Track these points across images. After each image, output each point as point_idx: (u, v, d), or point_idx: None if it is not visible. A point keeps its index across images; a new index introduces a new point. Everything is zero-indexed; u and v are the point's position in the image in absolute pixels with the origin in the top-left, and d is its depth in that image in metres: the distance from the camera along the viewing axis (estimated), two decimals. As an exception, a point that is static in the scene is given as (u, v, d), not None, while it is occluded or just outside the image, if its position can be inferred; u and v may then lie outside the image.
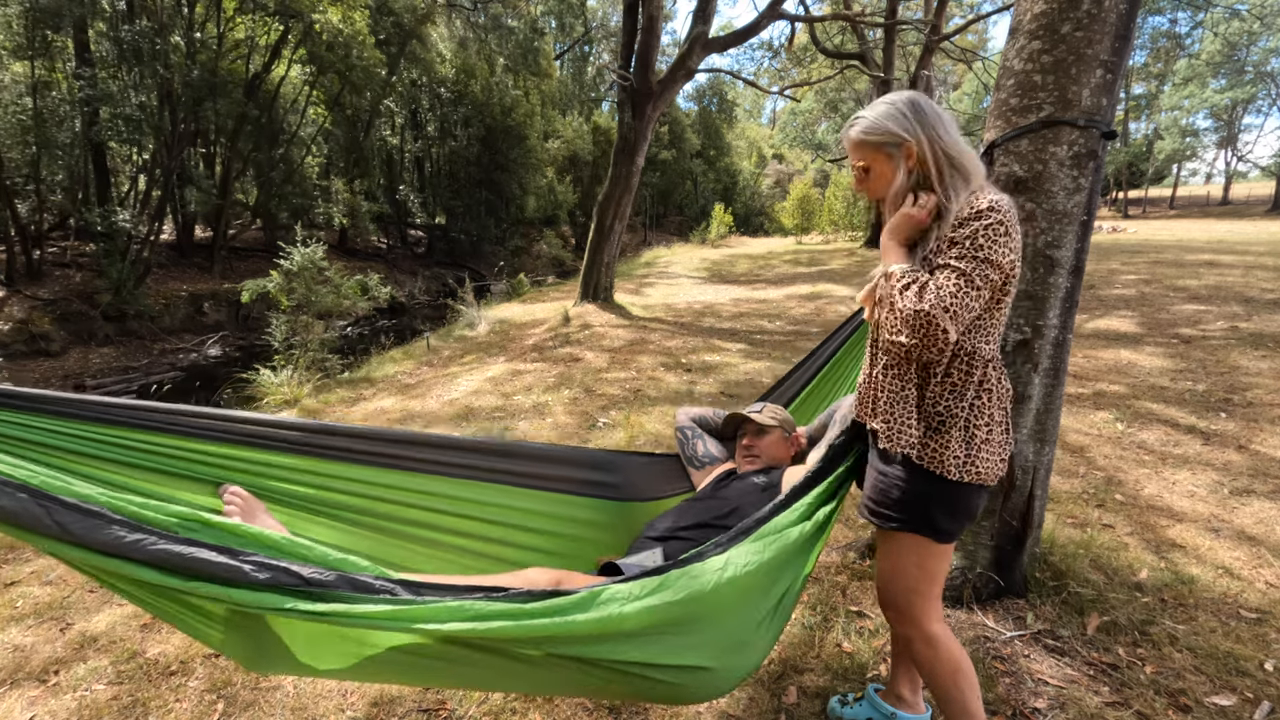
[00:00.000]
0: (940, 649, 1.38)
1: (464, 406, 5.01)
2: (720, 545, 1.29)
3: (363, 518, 1.66)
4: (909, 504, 1.33)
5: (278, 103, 15.95)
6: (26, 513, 0.93)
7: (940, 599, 1.42)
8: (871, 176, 1.33)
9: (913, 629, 1.41)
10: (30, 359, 10.18)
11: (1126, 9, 1.82)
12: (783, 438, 1.99)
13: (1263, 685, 1.81)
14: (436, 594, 1.04)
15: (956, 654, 1.39)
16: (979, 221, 1.19)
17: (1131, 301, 7.36)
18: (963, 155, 1.26)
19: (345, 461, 1.66)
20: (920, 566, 1.37)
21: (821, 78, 19.83)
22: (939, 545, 1.35)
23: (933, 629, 1.39)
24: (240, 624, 1.14)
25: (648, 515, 1.94)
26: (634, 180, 9.27)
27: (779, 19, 9.83)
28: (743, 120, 43.29)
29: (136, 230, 12.18)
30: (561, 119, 27.10)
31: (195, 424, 1.50)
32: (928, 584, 1.38)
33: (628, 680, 1.21)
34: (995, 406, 1.30)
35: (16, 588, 2.65)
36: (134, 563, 0.95)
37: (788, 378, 2.29)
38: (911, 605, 1.39)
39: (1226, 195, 37.36)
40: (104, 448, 1.40)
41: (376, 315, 13.21)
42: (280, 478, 1.59)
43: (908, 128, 1.27)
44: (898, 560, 1.40)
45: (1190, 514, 2.81)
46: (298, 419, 1.79)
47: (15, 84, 11.56)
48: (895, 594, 1.42)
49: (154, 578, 0.96)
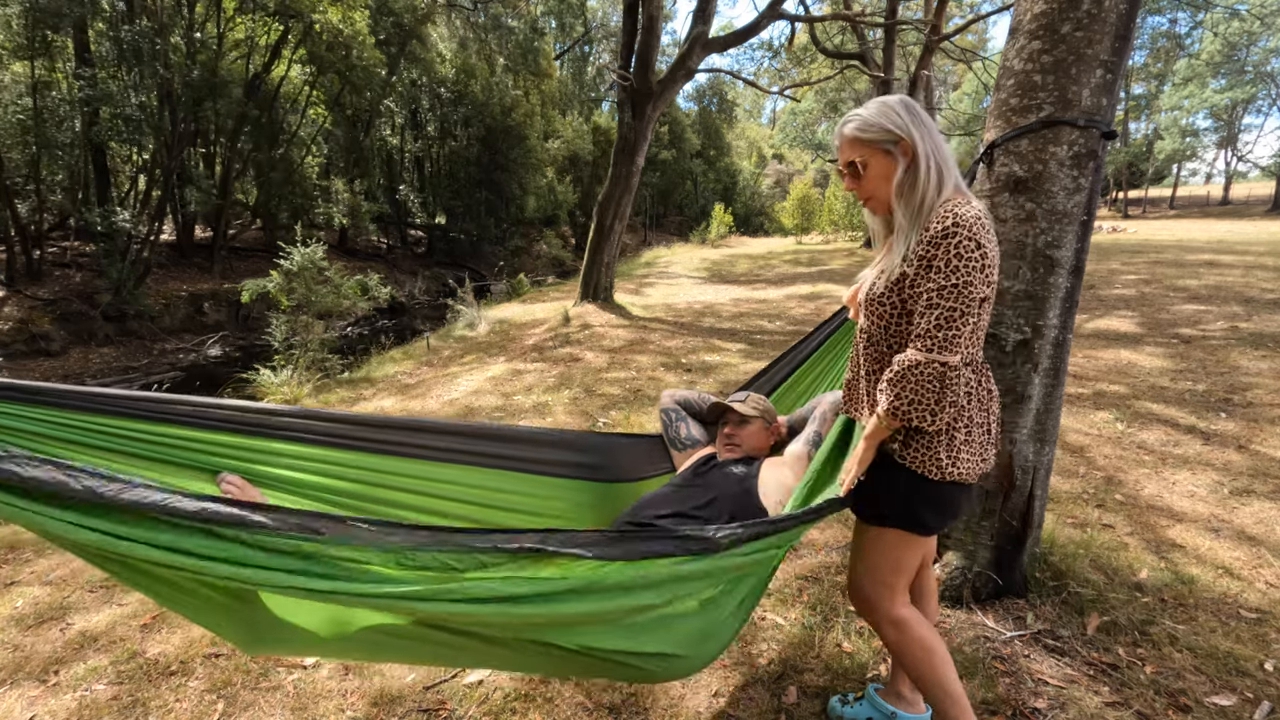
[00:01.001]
0: (908, 630, 1.43)
1: (464, 406, 5.01)
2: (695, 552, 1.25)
3: (352, 501, 1.69)
4: (892, 500, 1.37)
5: (278, 103, 15.95)
6: (54, 480, 0.93)
7: (905, 589, 1.47)
8: (867, 174, 1.33)
9: (878, 615, 1.46)
10: (30, 359, 10.18)
11: (1126, 9, 1.82)
12: (764, 428, 2.03)
13: (1263, 685, 1.81)
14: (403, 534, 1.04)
15: (925, 634, 1.43)
16: (950, 240, 1.21)
17: (1131, 301, 7.36)
18: (947, 157, 1.30)
19: (336, 447, 1.69)
20: (893, 559, 1.42)
21: (821, 78, 19.83)
22: (917, 539, 1.40)
23: (898, 612, 1.43)
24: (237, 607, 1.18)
25: (631, 496, 2.00)
26: (634, 180, 9.27)
27: (779, 19, 9.83)
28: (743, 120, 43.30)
29: (136, 230, 12.18)
30: (561, 119, 27.10)
31: (191, 413, 1.52)
32: (896, 576, 1.43)
33: (601, 664, 1.26)
34: (975, 409, 1.33)
35: (16, 588, 2.65)
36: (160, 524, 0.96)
37: (772, 367, 2.32)
38: (877, 594, 1.45)
39: (1226, 195, 37.34)
40: (103, 438, 1.41)
41: (376, 315, 13.21)
42: (274, 464, 1.61)
43: (902, 125, 1.29)
44: (872, 552, 1.45)
45: (1190, 514, 2.81)
46: (290, 406, 1.81)
47: (15, 84, 11.56)
48: (867, 585, 1.47)
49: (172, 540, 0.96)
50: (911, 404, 1.24)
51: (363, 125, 18.68)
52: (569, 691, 1.88)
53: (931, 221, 1.24)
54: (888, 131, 1.30)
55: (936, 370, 1.21)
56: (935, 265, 1.22)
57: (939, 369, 1.21)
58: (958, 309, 1.20)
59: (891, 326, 1.35)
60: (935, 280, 1.22)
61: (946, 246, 1.21)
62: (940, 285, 1.21)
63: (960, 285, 1.20)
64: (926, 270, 1.23)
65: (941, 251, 1.21)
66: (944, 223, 1.22)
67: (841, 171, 1.39)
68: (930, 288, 1.22)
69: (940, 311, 1.21)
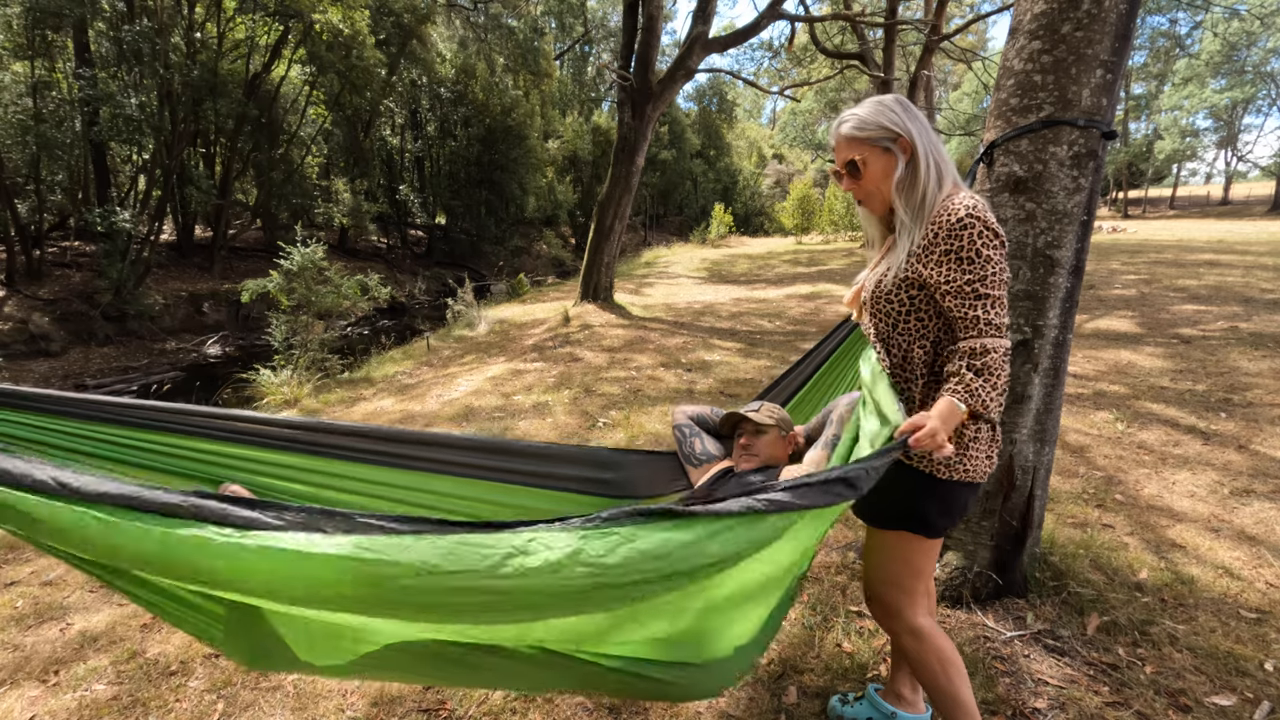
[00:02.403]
0: (926, 641, 1.41)
1: (464, 406, 5.01)
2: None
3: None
4: (900, 502, 1.36)
5: (278, 103, 15.95)
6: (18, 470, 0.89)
7: (924, 594, 1.45)
8: (867, 172, 1.33)
9: (898, 623, 1.44)
10: (30, 359, 10.18)
11: (1126, 9, 1.82)
12: (780, 437, 1.99)
13: (1263, 685, 1.81)
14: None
15: (943, 645, 1.41)
16: (970, 231, 1.21)
17: (1131, 301, 7.36)
18: (944, 153, 1.31)
19: (343, 459, 1.67)
20: (908, 562, 1.41)
21: (821, 78, 19.81)
22: (928, 541, 1.39)
23: (918, 622, 1.41)
24: (240, 622, 1.13)
25: None
26: (634, 180, 9.27)
27: (779, 19, 9.82)
28: (743, 120, 43.27)
29: (136, 230, 12.17)
30: (561, 119, 27.09)
31: (194, 422, 1.51)
32: (913, 579, 1.41)
33: (621, 679, 1.21)
34: None
35: (16, 588, 2.65)
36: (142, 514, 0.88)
37: (785, 376, 2.29)
38: (897, 600, 1.43)
39: (1226, 195, 37.35)
40: (104, 446, 1.41)
41: (376, 315, 13.21)
42: (278, 475, 1.60)
43: (899, 122, 1.30)
44: (886, 557, 1.43)
45: (1190, 514, 2.81)
46: (296, 417, 1.79)
47: (15, 84, 11.55)
48: (882, 590, 1.45)
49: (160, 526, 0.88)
50: (991, 392, 1.23)
51: (363, 125, 18.67)
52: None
53: (940, 215, 1.25)
54: (885, 129, 1.30)
55: (1005, 355, 1.24)
56: (964, 256, 1.23)
57: (1006, 353, 1.24)
58: (1003, 296, 1.24)
59: (900, 324, 1.35)
60: (973, 271, 1.23)
61: (969, 237, 1.22)
62: (981, 275, 1.22)
63: (999, 273, 1.23)
64: (957, 263, 1.24)
65: (966, 243, 1.22)
66: (957, 214, 1.23)
67: (839, 173, 1.39)
68: (970, 279, 1.23)
69: (992, 299, 1.23)
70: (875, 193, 1.35)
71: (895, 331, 1.36)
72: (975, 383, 1.23)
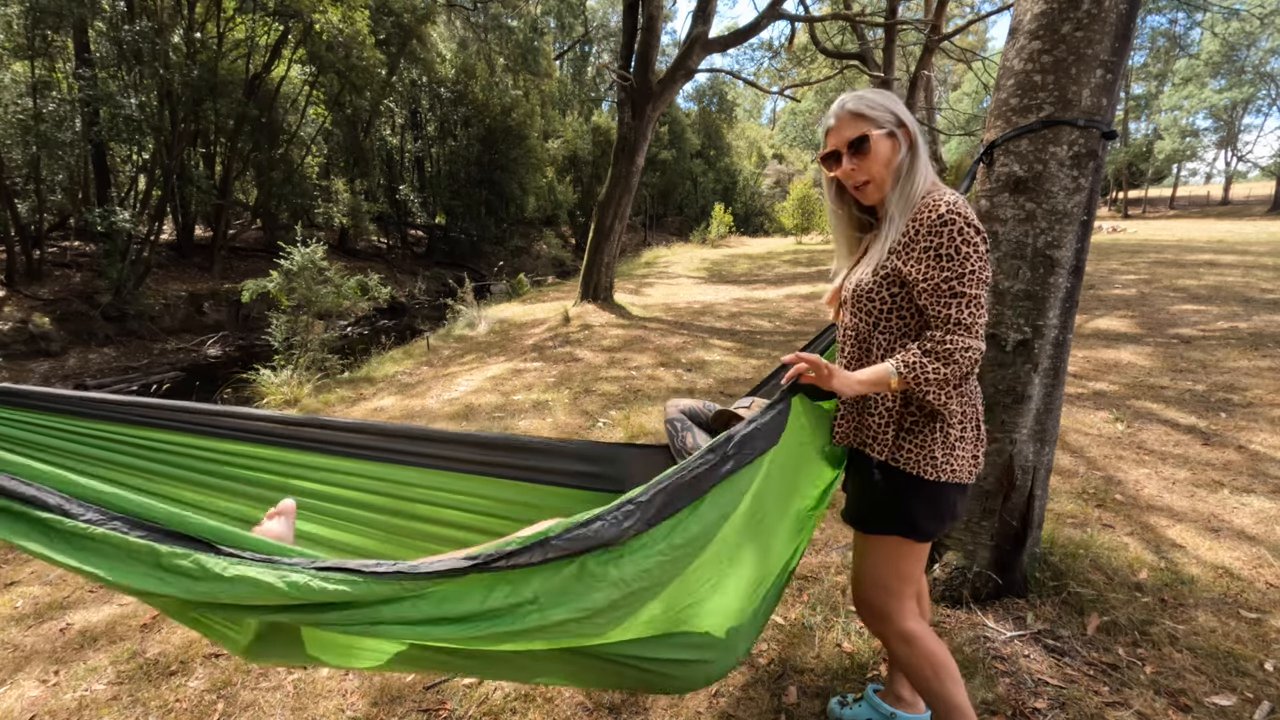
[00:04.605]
0: (917, 645, 1.40)
1: (464, 405, 5.01)
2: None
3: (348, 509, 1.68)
4: (888, 506, 1.35)
5: (278, 103, 15.95)
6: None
7: (914, 598, 1.44)
8: (871, 151, 1.28)
9: (888, 628, 1.43)
10: (30, 359, 10.18)
11: (1126, 9, 1.82)
12: None
13: (1263, 685, 1.81)
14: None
15: (935, 648, 1.40)
16: (950, 228, 1.20)
17: (1131, 302, 7.36)
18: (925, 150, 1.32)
19: (338, 456, 1.68)
20: (896, 567, 1.39)
21: (821, 78, 19.78)
22: (917, 545, 1.38)
23: (907, 626, 1.40)
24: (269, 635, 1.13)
25: None
26: (634, 180, 9.27)
27: (779, 19, 9.82)
28: (743, 120, 43.26)
29: (136, 230, 12.17)
30: (561, 119, 27.09)
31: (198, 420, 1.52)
32: (901, 584, 1.40)
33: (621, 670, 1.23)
34: (966, 404, 1.32)
35: (16, 588, 2.65)
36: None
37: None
38: (886, 605, 1.41)
39: (1226, 195, 37.35)
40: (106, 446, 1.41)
41: (376, 315, 13.21)
42: (280, 473, 1.60)
43: (903, 113, 1.31)
44: (873, 561, 1.42)
45: (1190, 514, 2.81)
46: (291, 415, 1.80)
47: (15, 84, 11.56)
48: (870, 595, 1.44)
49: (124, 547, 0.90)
50: (938, 381, 1.22)
51: (363, 125, 18.67)
52: (569, 691, 1.88)
53: (922, 211, 1.23)
54: (893, 113, 1.29)
55: (976, 356, 1.22)
56: (944, 254, 1.20)
57: (977, 355, 1.22)
58: (981, 295, 1.21)
59: (881, 322, 1.33)
60: (951, 269, 1.20)
61: (949, 234, 1.20)
62: (959, 273, 1.20)
63: (978, 272, 1.20)
64: (936, 260, 1.21)
65: (946, 240, 1.20)
66: (938, 210, 1.21)
67: (837, 153, 1.33)
68: (947, 276, 1.21)
69: (967, 298, 1.21)
70: (875, 178, 1.31)
71: (877, 330, 1.34)
72: (921, 360, 1.23)
